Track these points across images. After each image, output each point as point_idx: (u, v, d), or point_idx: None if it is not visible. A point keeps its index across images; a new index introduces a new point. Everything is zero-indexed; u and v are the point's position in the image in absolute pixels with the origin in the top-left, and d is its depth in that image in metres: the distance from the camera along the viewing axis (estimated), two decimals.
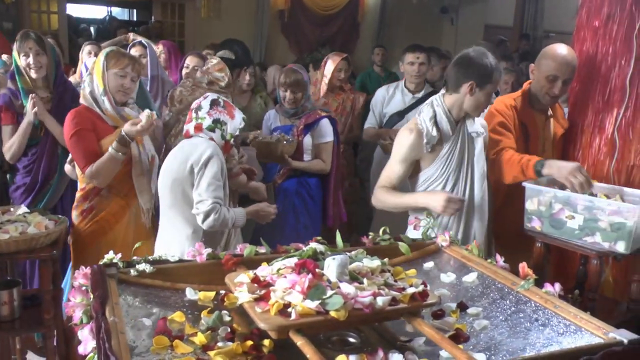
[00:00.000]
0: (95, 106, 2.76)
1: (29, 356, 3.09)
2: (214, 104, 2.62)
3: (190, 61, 3.92)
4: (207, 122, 2.59)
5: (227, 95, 3.06)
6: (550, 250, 3.00)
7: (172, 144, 3.09)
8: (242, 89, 4.10)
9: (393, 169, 2.56)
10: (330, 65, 4.33)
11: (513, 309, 1.73)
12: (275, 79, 6.28)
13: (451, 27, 10.62)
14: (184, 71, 3.90)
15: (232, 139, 2.66)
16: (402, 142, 2.54)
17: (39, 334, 2.99)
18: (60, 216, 2.66)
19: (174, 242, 2.55)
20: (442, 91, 2.58)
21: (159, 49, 4.32)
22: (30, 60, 3.12)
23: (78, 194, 2.79)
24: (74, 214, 2.79)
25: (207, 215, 2.45)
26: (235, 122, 2.65)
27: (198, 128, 2.59)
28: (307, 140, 3.52)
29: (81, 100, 2.81)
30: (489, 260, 1.99)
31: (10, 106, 3.19)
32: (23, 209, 2.65)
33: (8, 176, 3.51)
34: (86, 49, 4.40)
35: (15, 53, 3.18)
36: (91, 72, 2.79)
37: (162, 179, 2.60)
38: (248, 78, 4.02)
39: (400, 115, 4.13)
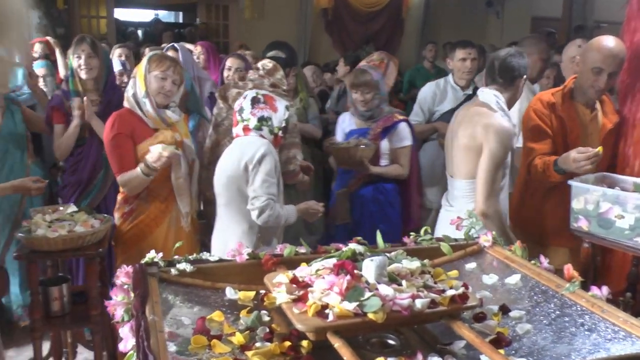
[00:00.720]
0: (137, 108, 2.81)
1: (79, 349, 3.19)
2: (254, 102, 2.70)
3: (231, 63, 3.96)
4: (252, 122, 2.69)
5: (288, 98, 3.13)
6: (601, 251, 2.92)
7: (222, 139, 3.18)
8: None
9: (496, 175, 2.63)
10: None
11: (558, 312, 1.67)
12: (308, 79, 6.34)
13: (497, 21, 10.42)
14: (226, 73, 3.93)
15: (280, 131, 2.74)
16: (504, 142, 2.59)
17: (88, 329, 3.08)
18: (105, 215, 2.73)
19: (232, 237, 2.66)
20: (483, 87, 2.57)
21: (197, 50, 4.38)
22: (82, 62, 3.24)
23: (119, 197, 2.87)
24: (116, 216, 2.85)
25: (261, 211, 2.58)
26: (279, 114, 2.72)
27: (246, 129, 2.70)
28: (385, 144, 3.44)
29: (124, 103, 2.87)
30: (532, 262, 1.93)
31: (61, 106, 3.31)
32: (72, 207, 2.72)
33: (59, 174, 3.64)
34: (116, 51, 4.49)
35: (70, 55, 3.31)
36: (134, 75, 2.85)
37: (218, 177, 2.74)
38: (290, 79, 3.98)
39: (452, 112, 4.06)
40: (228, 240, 2.65)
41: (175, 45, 4.27)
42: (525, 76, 2.73)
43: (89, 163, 3.30)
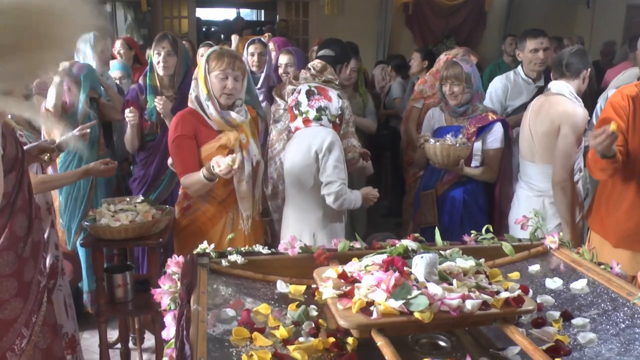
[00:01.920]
0: (200, 111, 2.71)
1: (147, 336, 3.29)
2: (309, 94, 2.84)
3: (281, 59, 3.98)
4: (312, 113, 2.81)
5: (342, 92, 3.14)
6: None
7: (278, 135, 3.22)
8: (343, 84, 4.06)
9: (571, 151, 2.99)
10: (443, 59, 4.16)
11: (628, 322, 1.54)
12: (377, 77, 6.29)
13: (587, 11, 9.84)
14: (280, 70, 3.97)
15: (337, 119, 2.86)
16: (578, 123, 2.97)
17: None
18: (167, 206, 2.78)
19: (305, 227, 2.80)
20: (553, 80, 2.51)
21: (270, 46, 4.39)
22: (161, 59, 3.31)
23: (180, 191, 2.86)
24: (176, 210, 2.85)
25: (337, 196, 2.71)
26: (334, 103, 2.86)
27: (306, 121, 2.82)
28: (478, 145, 3.27)
29: (189, 104, 2.78)
30: (602, 266, 1.80)
31: (135, 100, 3.39)
32: (139, 198, 2.80)
33: (132, 167, 3.76)
34: (199, 50, 4.55)
35: (151, 52, 3.40)
36: (196, 77, 2.74)
37: (288, 169, 2.83)
38: (348, 73, 3.92)
39: (525, 107, 3.89)
40: (302, 231, 2.76)
41: (262, 39, 4.26)
42: (589, 69, 3.09)
43: (158, 158, 3.37)
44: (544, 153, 3.10)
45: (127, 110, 3.29)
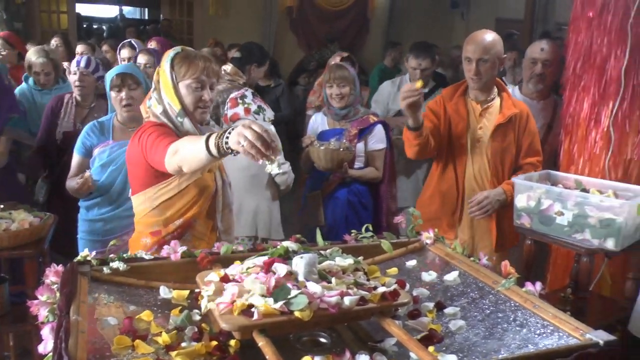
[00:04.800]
0: (172, 126, 2.18)
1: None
2: (254, 94, 3.38)
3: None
4: (253, 107, 3.29)
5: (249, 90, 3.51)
6: (550, 248, 2.96)
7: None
8: (259, 85, 4.58)
9: None
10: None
11: (492, 308, 1.68)
12: None
13: (462, 22, 10.52)
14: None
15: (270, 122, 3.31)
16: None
17: None
18: (46, 213, 2.66)
19: (260, 212, 3.33)
20: None
21: (151, 46, 4.31)
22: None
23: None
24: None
25: (290, 175, 3.31)
26: (269, 110, 3.36)
27: (247, 111, 3.26)
28: (360, 146, 3.38)
29: (149, 117, 2.23)
30: (471, 259, 1.94)
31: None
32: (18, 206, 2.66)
33: None
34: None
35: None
36: (157, 86, 2.19)
37: (235, 161, 2.44)
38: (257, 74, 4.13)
39: None
40: (258, 216, 3.31)
41: (133, 42, 4.20)
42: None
43: None
44: None
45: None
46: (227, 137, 1.66)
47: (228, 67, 3.67)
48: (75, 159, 2.87)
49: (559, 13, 9.63)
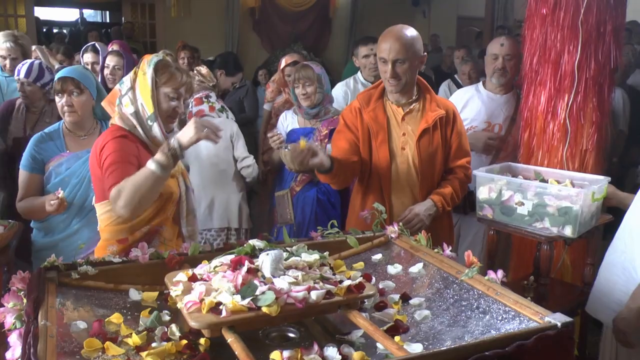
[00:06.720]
0: (140, 129, 2.20)
1: None
2: (217, 95, 3.79)
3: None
4: (217, 106, 3.73)
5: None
6: (512, 238, 3.04)
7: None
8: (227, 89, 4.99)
9: None
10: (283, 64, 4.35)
11: (456, 297, 1.72)
12: None
13: (424, 20, 10.67)
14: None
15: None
16: None
17: None
18: (10, 221, 2.62)
19: (231, 206, 3.66)
20: None
21: (113, 49, 4.28)
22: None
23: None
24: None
25: (254, 167, 3.65)
26: (230, 113, 3.76)
27: (212, 109, 3.67)
28: (330, 146, 3.27)
29: (117, 121, 2.24)
30: (435, 250, 1.99)
31: None
32: None
33: None
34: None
35: None
36: (133, 86, 2.19)
37: (204, 158, 3.54)
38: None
39: None
40: (228, 210, 3.64)
41: (97, 45, 4.15)
42: None
43: None
44: None
45: None
46: (178, 141, 2.01)
47: (203, 69, 3.89)
48: (23, 176, 2.63)
49: (517, 10, 9.86)
